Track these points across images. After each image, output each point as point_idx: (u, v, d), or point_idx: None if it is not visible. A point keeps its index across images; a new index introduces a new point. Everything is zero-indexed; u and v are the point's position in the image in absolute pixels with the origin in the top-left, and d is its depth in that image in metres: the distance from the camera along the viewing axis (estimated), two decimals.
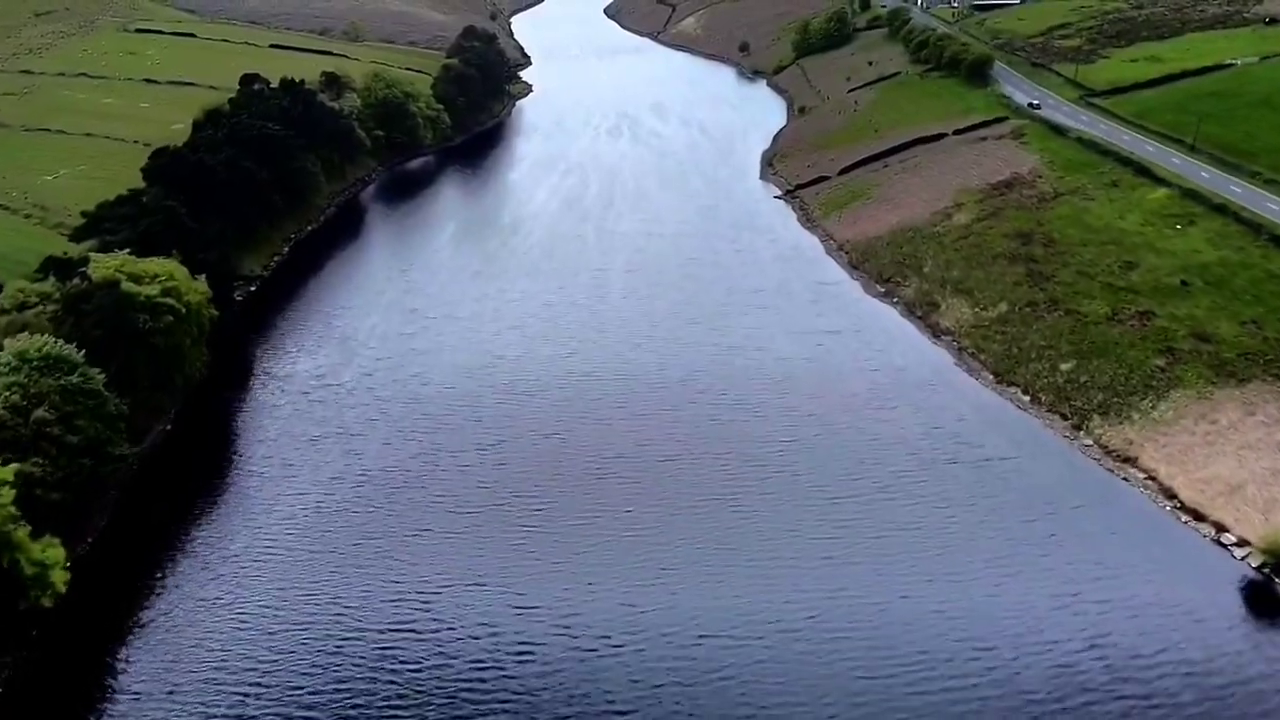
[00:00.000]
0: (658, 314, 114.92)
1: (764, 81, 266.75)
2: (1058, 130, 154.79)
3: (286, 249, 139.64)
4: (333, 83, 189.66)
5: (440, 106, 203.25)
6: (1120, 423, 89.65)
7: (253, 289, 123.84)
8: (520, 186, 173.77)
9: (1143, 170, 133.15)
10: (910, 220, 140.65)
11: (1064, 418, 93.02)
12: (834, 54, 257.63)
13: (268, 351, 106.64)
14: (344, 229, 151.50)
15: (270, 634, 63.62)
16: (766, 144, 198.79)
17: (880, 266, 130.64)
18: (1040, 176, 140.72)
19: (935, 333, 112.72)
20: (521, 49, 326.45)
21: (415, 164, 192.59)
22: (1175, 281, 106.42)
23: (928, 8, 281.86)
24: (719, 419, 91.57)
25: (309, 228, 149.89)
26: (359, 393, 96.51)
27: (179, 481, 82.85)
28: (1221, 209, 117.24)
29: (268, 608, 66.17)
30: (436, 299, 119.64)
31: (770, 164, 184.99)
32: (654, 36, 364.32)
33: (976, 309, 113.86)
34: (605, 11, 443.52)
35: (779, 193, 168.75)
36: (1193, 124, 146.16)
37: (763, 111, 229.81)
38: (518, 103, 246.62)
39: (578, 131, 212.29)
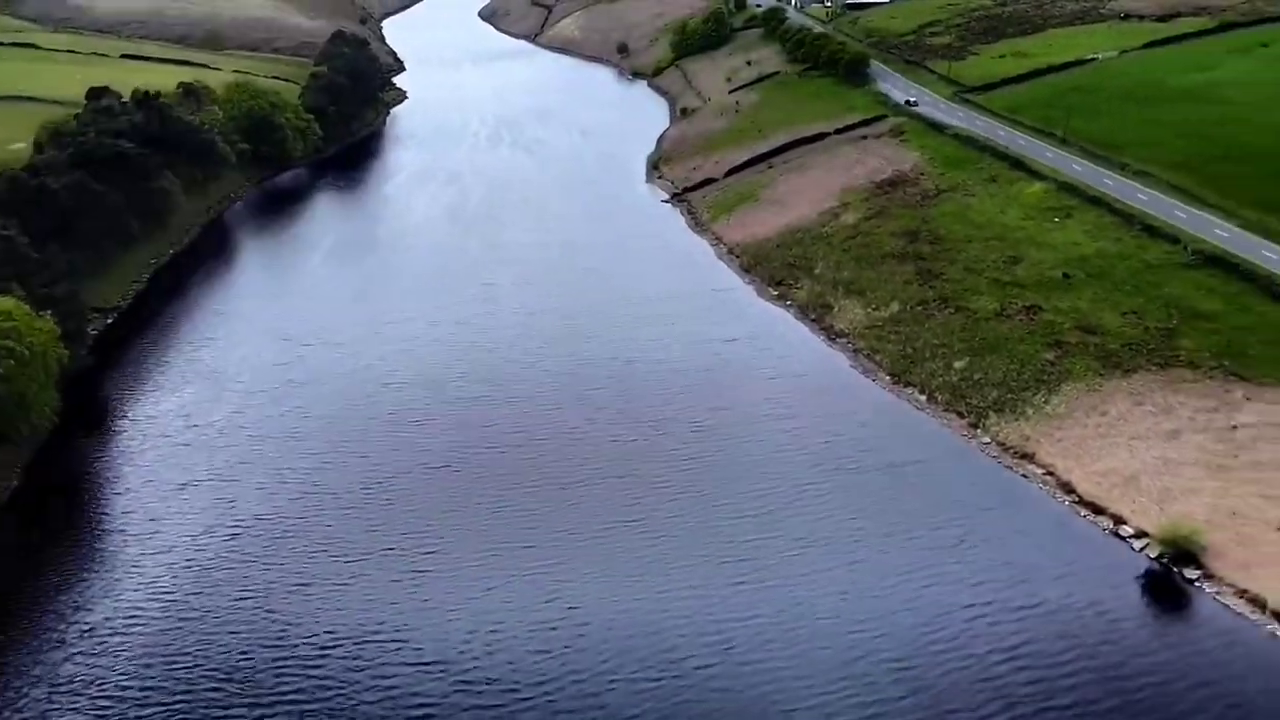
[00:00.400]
0: (551, 329, 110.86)
1: (644, 83, 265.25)
2: (936, 127, 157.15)
3: (146, 277, 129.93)
4: (191, 94, 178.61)
5: (310, 117, 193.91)
6: (1016, 419, 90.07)
7: (109, 322, 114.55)
8: (399, 199, 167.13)
9: (1019, 165, 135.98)
10: (799, 221, 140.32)
11: (961, 416, 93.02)
12: (713, 54, 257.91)
13: (127, 392, 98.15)
14: (210, 252, 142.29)
15: None
16: (651, 147, 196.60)
17: (772, 270, 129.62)
18: (923, 174, 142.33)
19: (830, 335, 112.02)
20: (395, 54, 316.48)
21: (286, 178, 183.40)
22: (1058, 275, 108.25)
23: (801, 7, 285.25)
24: (619, 438, 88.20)
25: (171, 252, 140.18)
26: (230, 433, 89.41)
27: (29, 545, 74.66)
28: (1096, 201, 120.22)
29: (132, 686, 59.59)
30: (312, 325, 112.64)
31: (656, 167, 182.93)
32: (531, 39, 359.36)
33: (869, 309, 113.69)
34: (480, 14, 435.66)
35: (666, 197, 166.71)
36: (1062, 118, 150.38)
37: (645, 114, 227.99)
38: (393, 110, 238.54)
39: (457, 139, 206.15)
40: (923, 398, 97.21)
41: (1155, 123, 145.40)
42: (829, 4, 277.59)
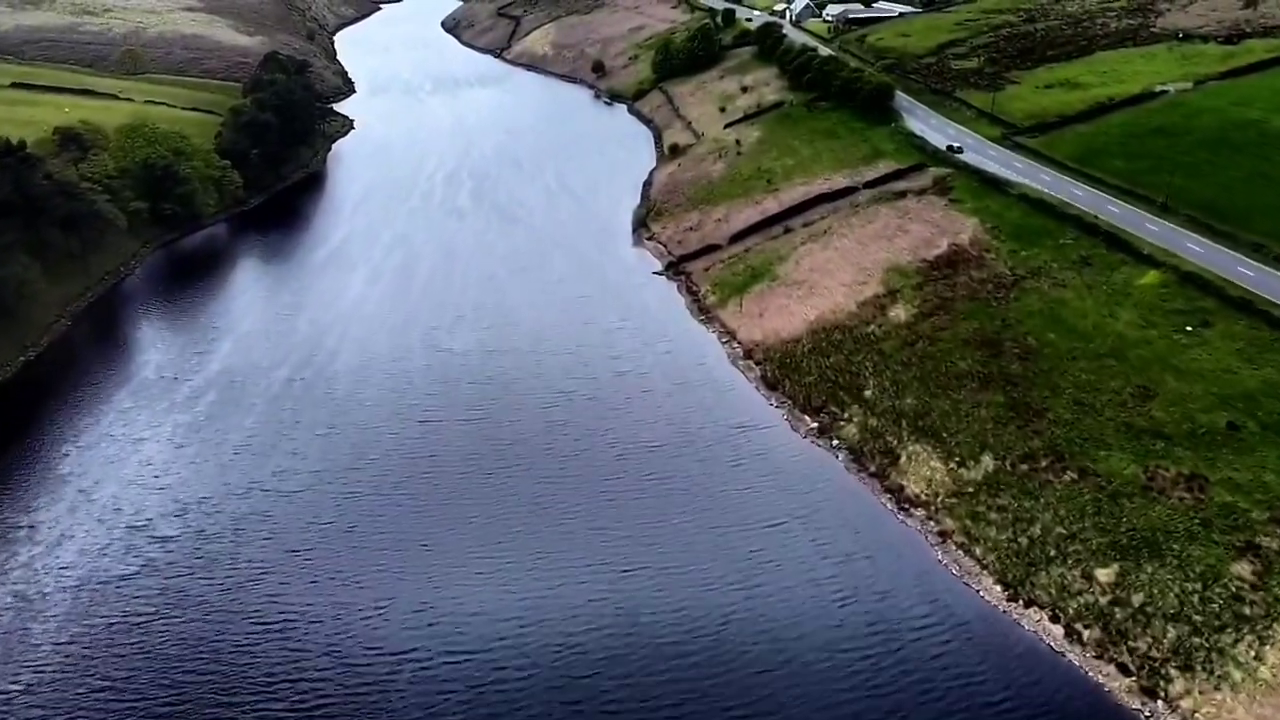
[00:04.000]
0: (514, 505, 79.18)
1: (624, 108, 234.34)
2: (992, 183, 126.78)
3: None
4: (72, 141, 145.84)
5: (226, 163, 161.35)
6: (1215, 686, 59.82)
7: None
8: (329, 272, 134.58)
9: (1116, 241, 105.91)
10: (833, 314, 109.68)
11: (1126, 671, 62.61)
12: (701, 76, 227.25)
13: None
14: (71, 359, 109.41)
15: None
16: (636, 194, 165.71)
17: (805, 388, 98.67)
18: (988, 250, 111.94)
19: (900, 503, 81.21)
20: (344, 74, 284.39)
21: (197, 240, 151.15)
22: (1219, 422, 78.10)
23: (798, 21, 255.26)
24: None
25: (21, 359, 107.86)
26: None
27: None
28: (1243, 305, 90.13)
29: None
30: (181, 492, 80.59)
31: (644, 224, 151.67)
32: (497, 54, 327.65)
33: (951, 464, 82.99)
34: (442, 25, 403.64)
35: (659, 266, 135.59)
36: (1152, 172, 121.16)
37: (627, 148, 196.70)
38: (335, 145, 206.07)
39: (407, 186, 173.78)
40: (1058, 629, 66.63)
41: (1273, 180, 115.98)
42: (829, 19, 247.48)
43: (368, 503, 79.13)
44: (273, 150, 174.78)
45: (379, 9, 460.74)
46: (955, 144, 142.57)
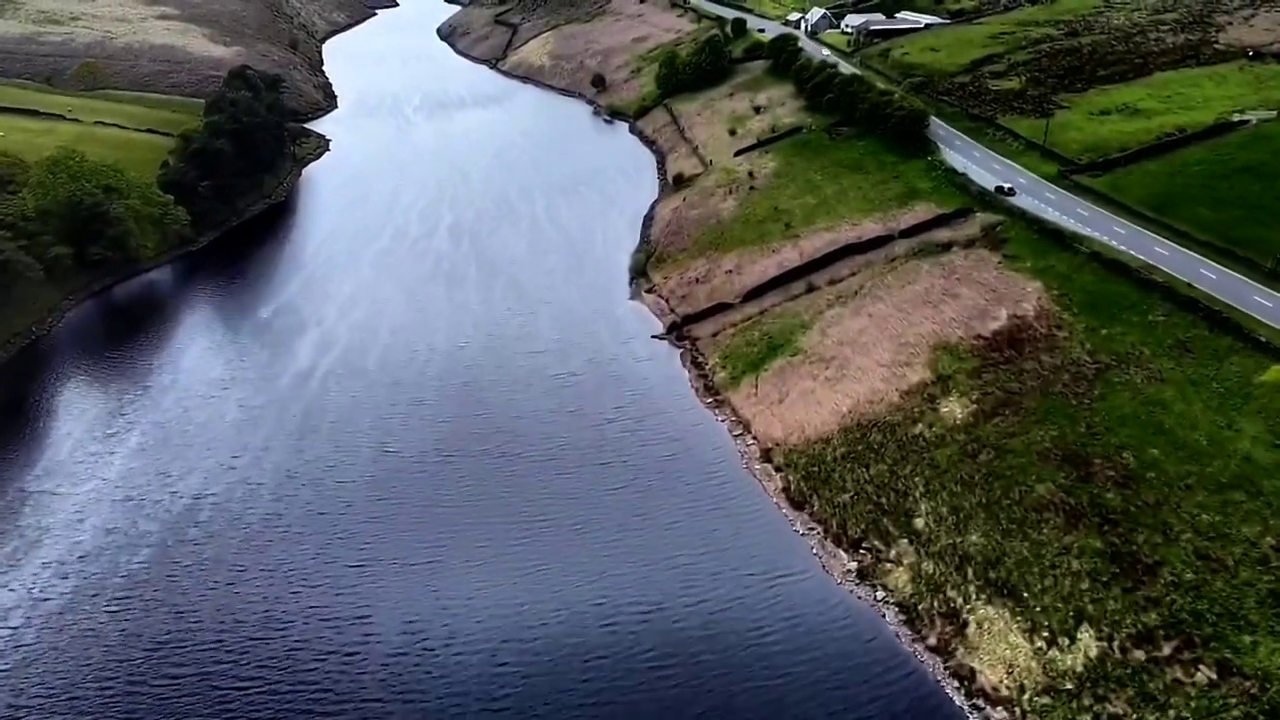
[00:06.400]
0: (461, 704, 59.59)
1: (625, 127, 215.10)
2: (1054, 236, 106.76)
3: None
4: None
5: (169, 199, 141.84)
6: None
7: None
8: (273, 335, 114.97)
9: (1219, 320, 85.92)
10: (870, 405, 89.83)
11: None
12: (709, 93, 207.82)
13: None
14: None
15: None
16: (635, 232, 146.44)
17: (840, 509, 78.85)
18: (1058, 326, 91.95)
19: (970, 695, 61.45)
20: (327, 87, 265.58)
21: (132, 287, 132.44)
22: None
23: (815, 33, 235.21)
24: None
25: None
26: None
27: None
28: None
29: None
30: (23, 679, 61.08)
31: (644, 273, 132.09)
32: (493, 64, 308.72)
33: (1038, 640, 63.16)
34: (438, 32, 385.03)
35: (660, 328, 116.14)
36: (1247, 224, 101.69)
37: (627, 175, 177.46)
38: (306, 170, 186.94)
39: (380, 220, 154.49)
40: None
41: None
42: (849, 30, 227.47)
43: (269, 702, 59.45)
44: (228, 181, 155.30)
45: (374, 14, 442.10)
46: (1005, 184, 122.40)
